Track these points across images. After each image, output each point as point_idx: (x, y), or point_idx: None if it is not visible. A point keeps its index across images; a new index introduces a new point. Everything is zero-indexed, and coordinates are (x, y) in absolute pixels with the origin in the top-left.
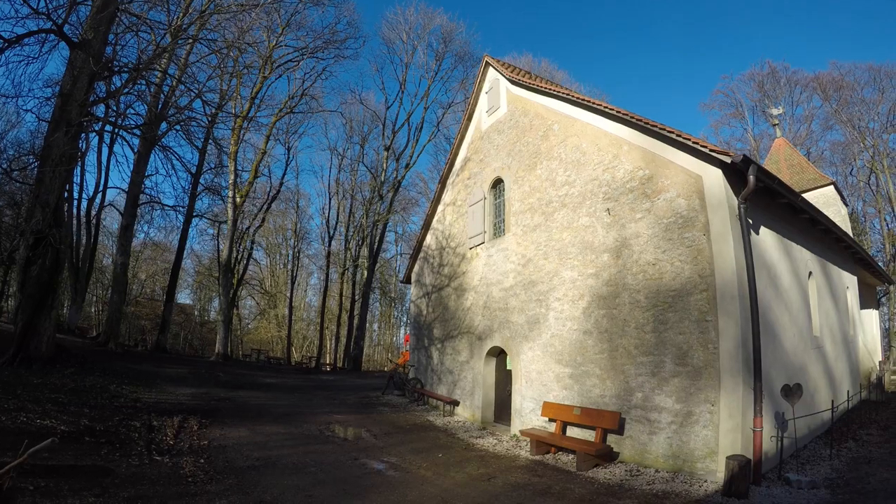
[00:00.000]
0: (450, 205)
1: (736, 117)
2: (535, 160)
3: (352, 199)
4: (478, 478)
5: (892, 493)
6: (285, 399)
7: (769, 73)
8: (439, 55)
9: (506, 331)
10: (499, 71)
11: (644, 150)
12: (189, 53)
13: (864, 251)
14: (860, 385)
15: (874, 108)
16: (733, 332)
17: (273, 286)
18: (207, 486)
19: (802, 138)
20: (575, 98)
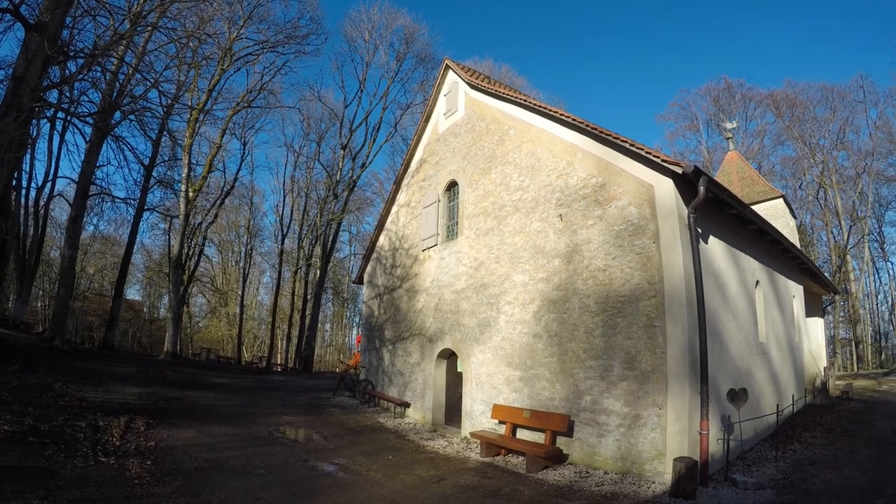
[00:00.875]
0: (404, 206)
1: (691, 129)
2: (490, 164)
3: (306, 197)
4: (428, 480)
5: (835, 493)
6: (235, 399)
7: (725, 89)
8: (400, 56)
9: (457, 333)
10: (458, 74)
11: (598, 158)
12: (147, 41)
13: (811, 262)
14: (805, 390)
15: (825, 126)
16: (680, 338)
17: (225, 284)
18: (154, 488)
19: (755, 152)
20: (532, 104)
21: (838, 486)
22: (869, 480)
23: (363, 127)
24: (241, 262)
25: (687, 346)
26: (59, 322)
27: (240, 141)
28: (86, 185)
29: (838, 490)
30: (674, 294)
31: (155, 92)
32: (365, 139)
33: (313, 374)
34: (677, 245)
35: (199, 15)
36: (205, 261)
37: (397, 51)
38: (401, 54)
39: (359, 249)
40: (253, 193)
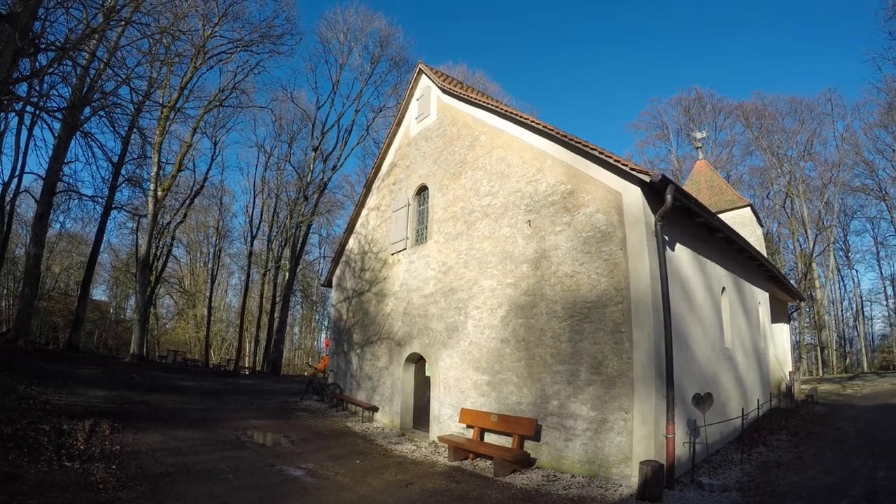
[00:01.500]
0: (374, 209)
1: (661, 138)
2: (460, 169)
3: (277, 198)
4: (396, 484)
5: (800, 494)
6: (201, 403)
7: (696, 99)
8: (375, 58)
9: (425, 337)
10: (431, 79)
11: (567, 166)
12: (120, 36)
13: (777, 269)
14: (771, 394)
15: (793, 138)
16: (647, 343)
17: (192, 285)
18: (119, 493)
19: (724, 162)
20: (503, 110)
21: (803, 488)
22: (833, 482)
23: (335, 129)
24: (209, 264)
25: (653, 352)
26: (24, 322)
27: (211, 140)
28: (53, 181)
29: (803, 491)
30: (640, 300)
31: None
32: (337, 141)
33: (282, 377)
34: (644, 252)
35: (173, 11)
36: (173, 261)
37: (372, 53)
38: (375, 57)
39: (328, 252)
40: (223, 194)
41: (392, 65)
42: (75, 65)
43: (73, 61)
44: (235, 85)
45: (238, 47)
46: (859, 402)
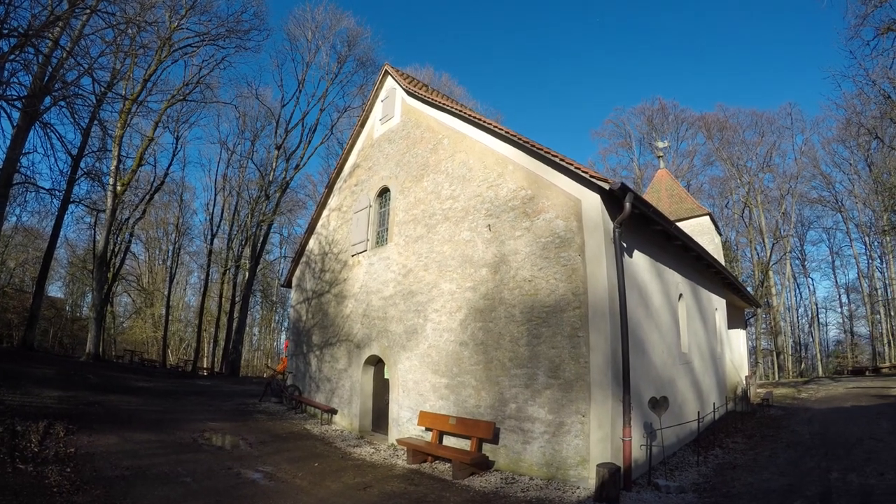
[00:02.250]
0: (335, 210)
1: (624, 147)
2: (422, 172)
3: (238, 196)
4: (354, 487)
5: (755, 495)
6: (159, 404)
7: (659, 109)
8: (342, 58)
9: (384, 340)
10: (397, 80)
11: (528, 171)
12: (84, 24)
13: (734, 277)
14: (727, 397)
15: (753, 150)
16: (604, 348)
17: (151, 283)
18: (74, 496)
19: (684, 171)
20: (466, 115)
21: (758, 489)
22: (787, 483)
23: (299, 127)
24: (168, 261)
25: (610, 356)
26: None
27: (173, 135)
28: (10, 172)
29: (758, 492)
30: (597, 305)
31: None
32: (300, 140)
33: (240, 378)
34: (602, 258)
35: (140, 1)
36: (131, 258)
37: (339, 53)
38: (342, 56)
39: (289, 252)
40: (183, 190)
41: (359, 65)
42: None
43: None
44: (200, 79)
45: (204, 41)
46: (814, 405)
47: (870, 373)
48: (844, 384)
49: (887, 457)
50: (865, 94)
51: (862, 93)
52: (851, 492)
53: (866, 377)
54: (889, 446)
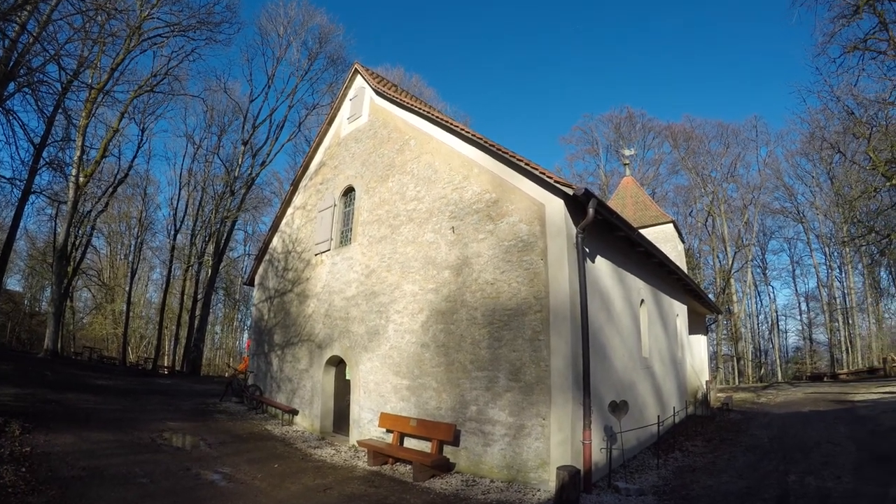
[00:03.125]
0: (300, 208)
1: (591, 153)
2: (388, 172)
3: (203, 191)
4: (314, 489)
5: (714, 498)
6: (117, 403)
7: (627, 118)
8: (313, 55)
9: (346, 340)
10: (366, 79)
11: (493, 175)
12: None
13: (695, 284)
14: (688, 402)
15: (718, 160)
16: (564, 352)
17: (112, 278)
18: (29, 497)
19: (650, 179)
20: (434, 116)
21: (717, 491)
22: (746, 486)
23: (267, 123)
24: (130, 256)
25: (570, 360)
26: None
27: (139, 127)
28: None
29: (717, 495)
30: (559, 309)
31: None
32: (268, 136)
33: (201, 377)
34: (564, 263)
35: None
36: (92, 252)
37: (310, 49)
38: (313, 53)
39: (253, 250)
40: (147, 183)
41: (329, 62)
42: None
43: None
44: (168, 70)
45: (174, 31)
46: (773, 409)
47: (828, 379)
48: (803, 389)
49: (844, 460)
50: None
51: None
52: (809, 494)
53: (824, 383)
54: (846, 450)
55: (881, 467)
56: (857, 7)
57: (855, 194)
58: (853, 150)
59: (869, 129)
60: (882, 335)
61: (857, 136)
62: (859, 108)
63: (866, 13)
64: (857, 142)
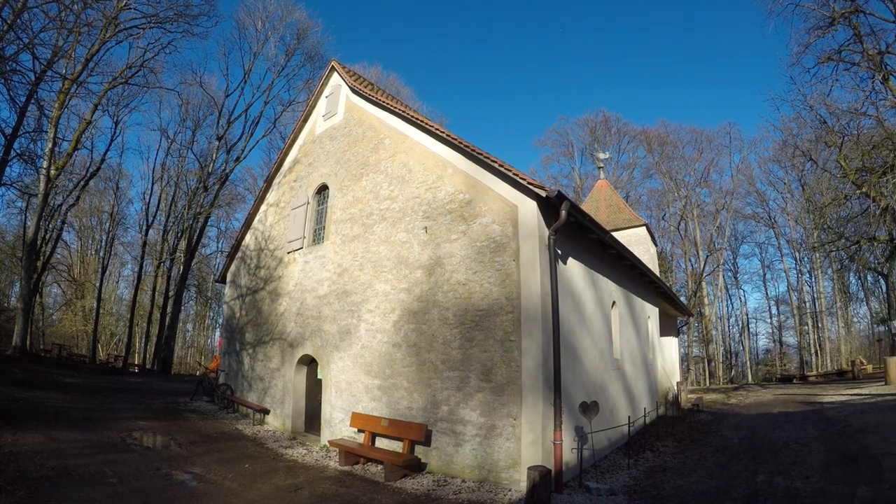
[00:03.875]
0: (273, 205)
1: (566, 156)
2: (362, 171)
3: (176, 186)
4: (285, 489)
5: (684, 498)
6: (87, 402)
7: (602, 121)
8: (290, 50)
9: (318, 339)
10: (342, 77)
11: (467, 175)
12: None
13: (667, 286)
14: (658, 403)
15: (691, 165)
16: (535, 352)
17: (82, 274)
18: None
19: (624, 182)
20: (409, 116)
21: (687, 491)
22: (716, 486)
23: (242, 119)
24: (101, 252)
25: (541, 361)
26: None
27: (112, 119)
28: None
29: (687, 495)
30: (530, 310)
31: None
32: (242, 132)
33: (172, 376)
34: (536, 264)
35: None
36: (62, 247)
37: (288, 45)
38: (291, 49)
39: (226, 247)
40: (120, 177)
41: (306, 59)
42: None
43: None
44: (144, 63)
45: (151, 23)
46: (742, 410)
47: (797, 381)
48: (773, 391)
49: (813, 461)
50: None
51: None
52: (777, 494)
53: (794, 385)
54: (814, 451)
55: (849, 467)
56: (832, 19)
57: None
58: (825, 158)
59: (840, 138)
60: (851, 338)
61: (829, 145)
62: (832, 118)
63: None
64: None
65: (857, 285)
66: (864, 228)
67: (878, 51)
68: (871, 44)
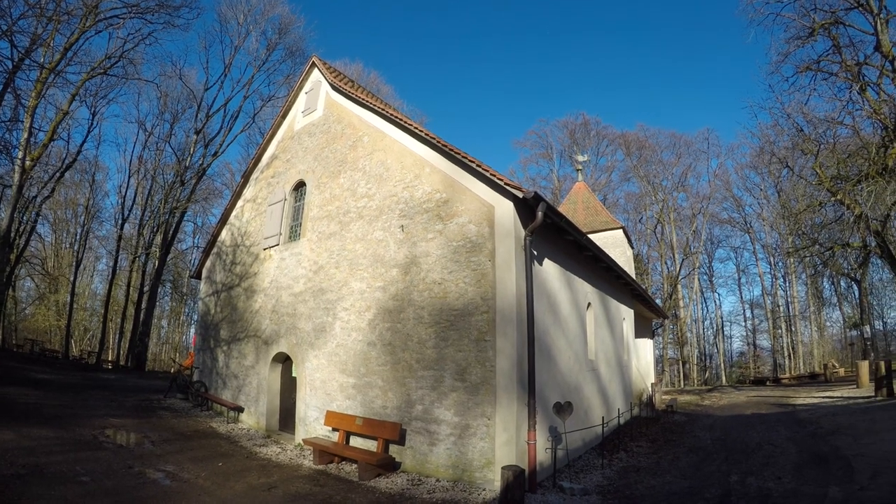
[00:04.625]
0: (250, 201)
1: (545, 158)
2: (340, 168)
3: (153, 180)
4: (258, 488)
5: (657, 497)
6: (59, 398)
7: (582, 124)
8: (272, 45)
9: (292, 337)
10: (323, 73)
11: (444, 175)
12: None
13: (642, 289)
14: (633, 403)
15: (669, 169)
16: (510, 353)
17: (56, 268)
18: None
19: (602, 185)
20: (388, 114)
21: (660, 491)
22: (689, 486)
23: (221, 113)
24: (75, 245)
25: (516, 361)
26: None
27: (89, 110)
28: None
29: (660, 494)
30: (505, 311)
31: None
32: (221, 126)
33: (146, 373)
34: (512, 264)
35: None
36: (36, 240)
37: (269, 39)
38: (272, 43)
39: (202, 242)
40: (96, 170)
41: (288, 54)
42: None
43: None
44: (124, 53)
45: (132, 13)
46: (716, 412)
47: (770, 383)
48: (746, 393)
49: (785, 462)
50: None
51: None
52: (750, 494)
53: (767, 387)
54: (786, 452)
55: (820, 468)
56: (812, 30)
57: (801, 208)
58: (801, 166)
59: (817, 147)
60: (823, 342)
61: (805, 153)
62: (809, 126)
63: (821, 36)
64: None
65: (830, 290)
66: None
67: (857, 62)
68: (850, 55)
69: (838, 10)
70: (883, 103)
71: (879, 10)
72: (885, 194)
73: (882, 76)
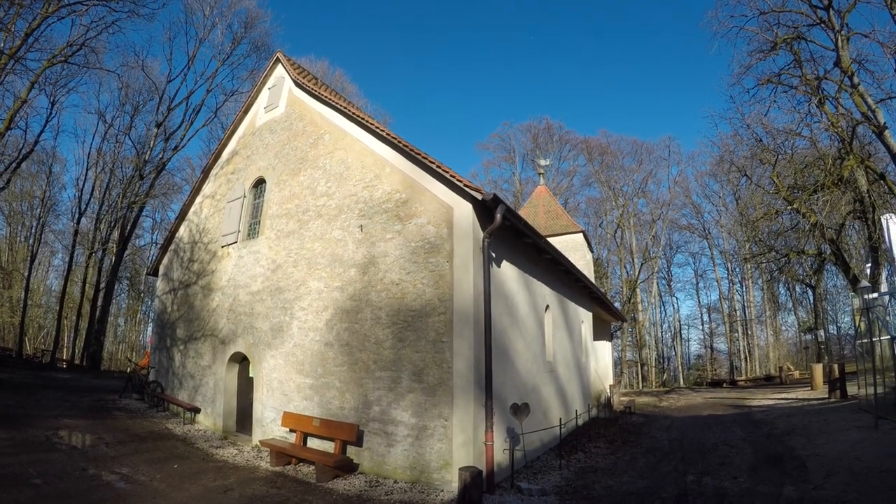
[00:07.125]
0: (209, 197)
1: (507, 161)
2: (300, 166)
3: (111, 173)
4: (214, 490)
5: (615, 497)
6: (11, 398)
7: (545, 128)
8: (237, 39)
9: (250, 336)
10: (287, 69)
11: (404, 175)
12: None
13: (601, 292)
14: (591, 405)
15: (630, 175)
16: (467, 354)
17: (10, 262)
18: None
19: (563, 189)
20: (350, 112)
21: (617, 491)
22: (646, 485)
23: (183, 106)
24: (31, 239)
25: (473, 362)
26: None
27: (48, 99)
28: None
29: (617, 494)
30: (463, 312)
31: None
32: (183, 120)
33: (102, 372)
34: (470, 266)
35: None
36: None
37: (235, 33)
38: (238, 37)
39: (161, 239)
40: (54, 161)
41: (253, 49)
42: None
43: None
44: (86, 41)
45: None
46: (673, 413)
47: (727, 385)
48: (703, 395)
49: (740, 461)
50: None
51: (736, 134)
52: (706, 494)
53: (724, 389)
54: (742, 452)
55: (775, 468)
56: (774, 44)
57: (758, 215)
58: (759, 175)
59: (775, 157)
60: (779, 345)
61: (764, 162)
62: (768, 137)
63: (783, 50)
64: (763, 167)
65: (785, 295)
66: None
67: (817, 76)
68: (810, 69)
69: (801, 26)
70: (840, 117)
71: (840, 27)
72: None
73: (841, 91)
